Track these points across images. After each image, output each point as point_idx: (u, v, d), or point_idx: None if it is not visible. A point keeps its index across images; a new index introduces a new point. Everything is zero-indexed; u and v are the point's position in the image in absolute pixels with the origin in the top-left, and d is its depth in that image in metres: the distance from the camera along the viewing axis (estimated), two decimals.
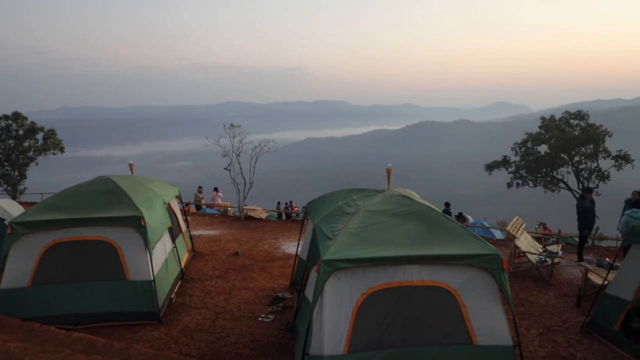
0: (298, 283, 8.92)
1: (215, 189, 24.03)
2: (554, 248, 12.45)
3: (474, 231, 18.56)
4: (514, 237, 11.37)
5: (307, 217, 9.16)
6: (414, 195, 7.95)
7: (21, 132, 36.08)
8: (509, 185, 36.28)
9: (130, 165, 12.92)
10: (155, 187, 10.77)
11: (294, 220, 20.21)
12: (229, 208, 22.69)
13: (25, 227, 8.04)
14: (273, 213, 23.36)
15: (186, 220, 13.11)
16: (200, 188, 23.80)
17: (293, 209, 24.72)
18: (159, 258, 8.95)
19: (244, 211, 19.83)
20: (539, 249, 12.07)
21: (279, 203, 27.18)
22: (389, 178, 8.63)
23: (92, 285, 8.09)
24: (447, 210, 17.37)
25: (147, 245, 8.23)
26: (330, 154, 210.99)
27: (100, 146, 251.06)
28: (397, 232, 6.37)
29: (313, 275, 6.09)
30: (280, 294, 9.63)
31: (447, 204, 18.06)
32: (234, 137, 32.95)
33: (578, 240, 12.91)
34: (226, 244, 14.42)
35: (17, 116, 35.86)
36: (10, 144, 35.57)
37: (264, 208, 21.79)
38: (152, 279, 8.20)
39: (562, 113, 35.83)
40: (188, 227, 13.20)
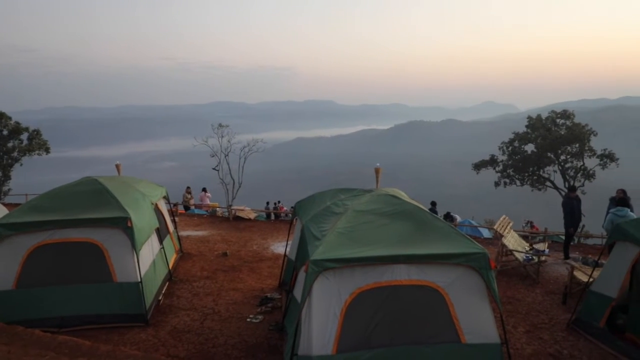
0: (287, 283, 8.90)
1: (204, 190, 23.89)
2: (540, 246, 12.59)
3: (462, 230, 18.71)
4: (501, 236, 11.47)
5: (296, 217, 9.15)
6: (402, 194, 7.97)
7: (5, 133, 35.48)
8: (497, 184, 36.53)
9: (117, 166, 12.79)
10: (142, 187, 10.67)
11: (282, 221, 20.17)
12: (217, 208, 22.57)
13: (10, 229, 7.91)
14: (262, 213, 23.30)
15: (174, 221, 13.01)
16: (189, 188, 23.63)
17: (281, 209, 24.63)
18: (146, 259, 8.88)
19: (233, 211, 19.74)
20: (526, 247, 12.20)
21: (267, 203, 27.10)
22: (377, 177, 8.65)
23: (78, 287, 8.00)
24: (433, 210, 17.45)
25: (134, 246, 8.15)
26: (319, 154, 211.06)
27: (86, 146, 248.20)
28: (385, 232, 6.38)
29: (301, 276, 6.08)
30: (269, 295, 9.60)
31: (433, 203, 18.15)
32: (222, 137, 32.74)
33: (564, 238, 13.06)
34: (214, 244, 14.34)
35: (0, 116, 35.29)
36: None
37: (252, 208, 21.72)
38: (139, 280, 8.13)
39: (548, 112, 36.15)
40: (176, 228, 13.11)
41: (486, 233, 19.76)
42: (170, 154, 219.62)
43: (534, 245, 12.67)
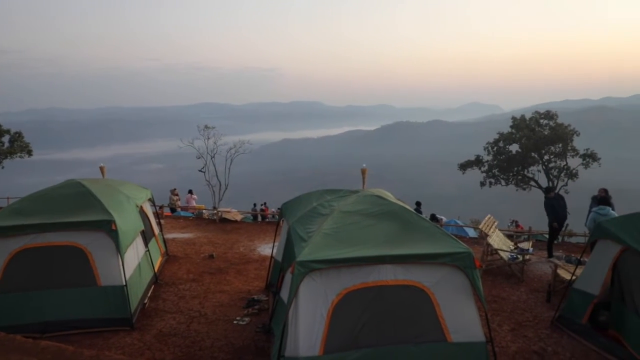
0: (274, 285, 8.88)
1: (190, 192, 23.74)
2: (525, 245, 12.73)
3: (448, 230, 18.86)
4: (486, 235, 11.58)
5: (282, 219, 9.14)
6: (388, 195, 8.01)
7: None
8: (482, 184, 36.90)
9: (101, 168, 12.64)
10: (126, 190, 10.56)
11: (269, 222, 20.12)
12: (203, 210, 22.44)
13: None
14: (248, 215, 23.21)
15: (159, 224, 12.90)
16: (175, 190, 23.46)
17: (266, 211, 24.50)
18: (131, 262, 8.78)
19: (219, 213, 19.64)
20: (511, 247, 12.34)
21: (255, 205, 27.02)
22: (363, 178, 8.69)
23: (62, 292, 7.87)
24: (418, 210, 17.53)
25: (119, 249, 8.06)
26: (306, 155, 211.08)
27: (69, 148, 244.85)
28: (371, 232, 6.40)
29: (288, 277, 6.07)
30: (255, 296, 9.57)
31: (418, 204, 18.25)
32: (208, 138, 32.60)
33: (548, 236, 13.23)
34: (201, 246, 14.25)
35: None
36: None
37: (239, 210, 21.63)
38: (124, 284, 8.04)
39: (532, 113, 36.65)
40: (161, 231, 13.00)
41: (472, 232, 19.94)
42: (156, 155, 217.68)
43: (519, 244, 12.82)
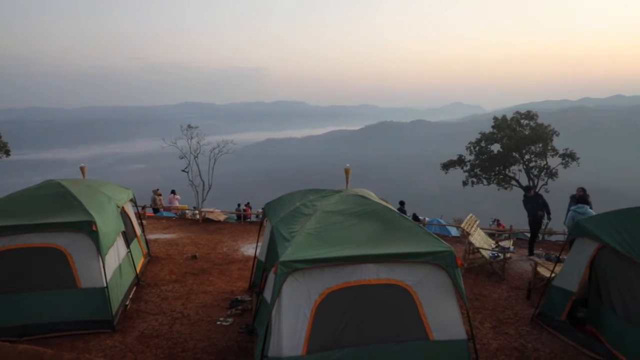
0: (257, 285, 8.86)
1: (173, 192, 23.51)
2: (505, 243, 12.93)
3: (431, 229, 19.01)
4: (468, 234, 11.71)
5: (266, 219, 9.12)
6: (370, 195, 8.05)
7: None
8: (465, 183, 37.22)
9: (82, 168, 12.45)
10: (107, 190, 10.42)
11: (253, 222, 20.05)
12: (186, 211, 22.25)
13: None
14: (232, 215, 23.09)
15: (141, 224, 12.76)
16: (158, 190, 23.20)
17: (247, 211, 24.33)
18: (112, 264, 8.67)
19: (202, 214, 19.50)
20: (492, 245, 12.50)
21: (239, 205, 26.88)
22: (347, 178, 8.71)
23: (41, 294, 7.73)
24: (401, 209, 17.65)
25: (100, 251, 7.95)
26: (289, 155, 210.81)
27: (49, 149, 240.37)
28: (353, 232, 6.43)
29: (271, 277, 6.06)
30: (239, 297, 9.53)
31: (401, 203, 18.37)
32: (191, 138, 32.31)
33: (530, 235, 13.46)
34: (183, 247, 14.13)
35: None
36: None
37: (222, 210, 21.50)
38: (105, 285, 7.93)
39: (513, 113, 37.12)
40: (143, 231, 12.85)
41: (454, 231, 20.14)
42: (138, 155, 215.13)
43: (500, 243, 13.00)
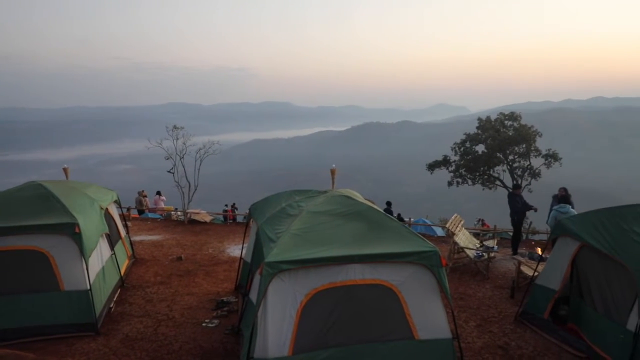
0: (243, 286, 8.82)
1: (158, 193, 23.33)
2: (490, 243, 13.07)
3: (416, 229, 19.14)
4: (453, 234, 11.82)
5: (252, 220, 9.09)
6: (356, 195, 8.08)
7: None
8: (450, 183, 37.55)
9: (65, 170, 12.31)
10: (91, 192, 10.30)
11: (239, 223, 19.97)
12: (172, 212, 22.08)
13: None
14: (218, 216, 22.97)
15: (126, 226, 12.64)
16: (143, 192, 22.98)
17: (229, 212, 24.19)
18: (96, 266, 8.57)
19: (188, 215, 19.37)
20: (477, 245, 12.63)
21: (226, 206, 26.76)
22: (332, 178, 8.76)
23: (23, 297, 7.62)
24: (388, 210, 17.75)
25: (83, 253, 7.86)
26: (276, 155, 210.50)
27: (31, 149, 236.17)
28: (339, 232, 6.44)
29: (257, 278, 6.06)
30: (225, 298, 9.49)
31: (388, 203, 18.47)
32: (177, 139, 32.04)
33: (512, 233, 13.63)
34: (169, 249, 14.02)
35: None
36: None
37: (208, 211, 21.38)
38: (89, 288, 7.85)
39: (497, 114, 37.57)
40: (128, 233, 12.73)
41: (440, 231, 20.28)
42: (123, 156, 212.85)
43: (484, 242, 13.14)
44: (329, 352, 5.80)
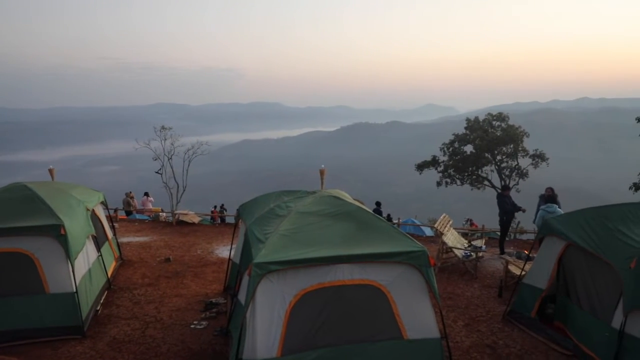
0: (232, 287, 8.78)
1: (146, 194, 23.14)
2: (478, 243, 13.14)
3: (405, 229, 19.21)
4: (442, 234, 11.87)
5: (240, 220, 9.05)
6: (345, 195, 8.08)
7: None
8: (439, 184, 37.74)
9: (50, 171, 12.13)
10: (77, 193, 10.16)
11: (228, 224, 19.88)
12: (160, 213, 21.90)
13: None
14: (206, 217, 22.86)
15: (113, 227, 12.51)
16: (131, 193, 22.79)
17: (214, 212, 24.08)
18: (82, 268, 8.47)
19: (176, 216, 19.23)
20: (465, 244, 12.70)
21: (215, 207, 26.66)
22: (322, 179, 8.74)
23: (7, 300, 7.50)
24: (377, 210, 17.80)
25: (69, 255, 7.75)
26: (266, 156, 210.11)
27: (16, 150, 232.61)
28: (328, 233, 6.43)
29: (246, 279, 6.03)
30: (213, 300, 9.44)
31: (377, 204, 18.52)
32: (165, 139, 31.81)
33: (500, 233, 13.74)
34: (157, 250, 13.91)
35: None
36: None
37: (196, 212, 21.25)
38: (75, 290, 7.74)
39: (485, 115, 37.86)
40: (115, 234, 12.60)
41: (428, 231, 20.36)
42: (110, 157, 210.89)
43: (472, 242, 13.22)
44: (318, 353, 5.79)
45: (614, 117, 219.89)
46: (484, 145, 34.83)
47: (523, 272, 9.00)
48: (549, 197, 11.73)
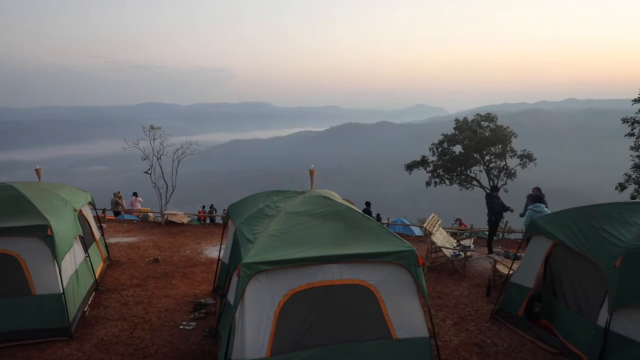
0: (221, 288, 8.75)
1: (135, 194, 22.95)
2: (466, 242, 13.24)
3: (395, 229, 19.27)
4: (431, 234, 11.94)
5: (229, 220, 9.03)
6: (334, 195, 8.09)
7: None
8: (428, 184, 37.89)
9: (37, 171, 12.02)
10: (64, 193, 10.06)
11: (217, 224, 19.81)
12: (149, 213, 21.74)
13: None
14: (196, 217, 22.73)
15: (100, 228, 12.40)
16: (119, 193, 22.59)
17: (201, 212, 23.95)
18: (69, 269, 8.38)
19: (165, 216, 19.11)
20: (454, 244, 12.79)
21: (203, 207, 26.53)
22: (311, 179, 8.76)
23: None
24: (367, 210, 17.85)
25: (55, 256, 7.67)
26: (255, 156, 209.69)
27: (2, 150, 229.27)
28: (317, 233, 6.44)
29: (235, 279, 6.01)
30: (202, 300, 9.40)
31: (367, 204, 18.57)
32: (154, 139, 31.62)
33: (488, 233, 13.87)
34: (145, 250, 13.81)
35: None
36: None
37: (185, 212, 21.13)
38: (62, 291, 7.66)
39: (474, 115, 38.12)
40: (103, 235, 12.49)
41: (418, 231, 20.46)
42: (98, 157, 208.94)
43: (461, 242, 13.31)
44: (308, 353, 5.79)
45: (600, 118, 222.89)
46: (473, 146, 35.07)
47: (511, 271, 9.08)
48: (536, 197, 11.86)
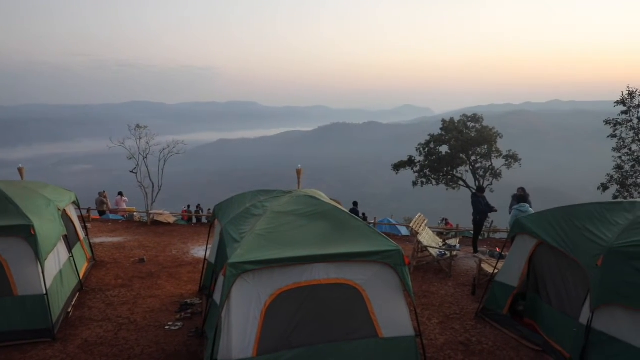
0: (207, 288, 8.71)
1: (120, 194, 22.71)
2: (452, 242, 13.35)
3: (381, 228, 19.34)
4: (417, 233, 12.01)
5: (216, 220, 8.99)
6: (321, 195, 8.10)
7: None
8: (415, 183, 38.09)
9: (20, 170, 11.84)
10: (47, 193, 9.92)
11: (203, 224, 19.70)
12: (135, 213, 21.53)
13: None
14: (180, 216, 22.59)
15: (85, 228, 12.25)
16: (104, 192, 22.34)
17: (183, 212, 23.79)
18: (53, 269, 8.27)
19: (151, 216, 18.95)
20: (439, 243, 12.89)
21: (188, 206, 26.37)
22: (299, 179, 8.75)
23: None
24: (354, 210, 17.89)
25: (39, 256, 7.57)
26: (242, 156, 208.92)
27: None
28: (303, 232, 6.45)
29: (221, 279, 5.99)
30: (189, 300, 9.35)
31: (355, 203, 18.61)
32: (140, 138, 31.29)
33: (473, 232, 14.01)
34: (131, 250, 13.69)
35: None
36: None
37: (172, 212, 20.98)
38: (45, 292, 7.56)
39: (460, 116, 38.43)
40: (87, 235, 12.35)
41: (404, 231, 20.56)
42: (83, 156, 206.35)
43: (447, 241, 13.42)
44: (294, 353, 5.80)
45: (583, 119, 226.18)
46: (459, 146, 35.35)
47: (495, 271, 9.18)
48: (521, 197, 12.01)
